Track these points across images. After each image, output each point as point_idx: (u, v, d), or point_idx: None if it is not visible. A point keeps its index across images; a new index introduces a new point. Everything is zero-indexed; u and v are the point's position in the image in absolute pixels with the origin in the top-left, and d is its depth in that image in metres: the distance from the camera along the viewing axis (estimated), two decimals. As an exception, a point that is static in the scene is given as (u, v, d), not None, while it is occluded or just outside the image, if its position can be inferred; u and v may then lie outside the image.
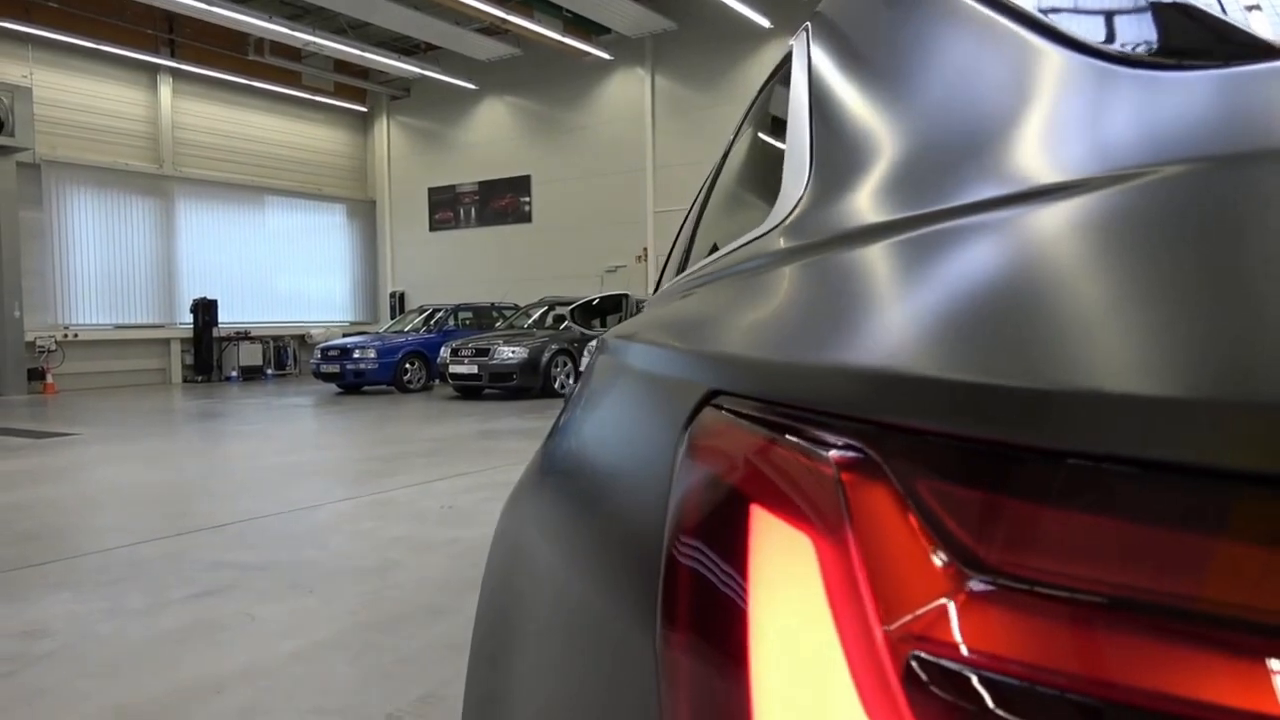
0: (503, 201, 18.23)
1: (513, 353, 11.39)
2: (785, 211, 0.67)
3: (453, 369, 11.77)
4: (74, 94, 15.31)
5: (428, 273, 19.23)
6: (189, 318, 16.40)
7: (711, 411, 0.42)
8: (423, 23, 15.14)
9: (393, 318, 17.16)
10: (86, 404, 12.24)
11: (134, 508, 5.21)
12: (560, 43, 15.15)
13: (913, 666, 0.26)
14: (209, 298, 16.47)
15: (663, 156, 16.11)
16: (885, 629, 0.27)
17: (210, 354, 16.40)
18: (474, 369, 11.54)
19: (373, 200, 20.22)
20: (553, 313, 13.29)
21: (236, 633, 3.00)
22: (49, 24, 14.37)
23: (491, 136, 18.36)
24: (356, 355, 12.76)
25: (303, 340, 18.12)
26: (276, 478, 6.07)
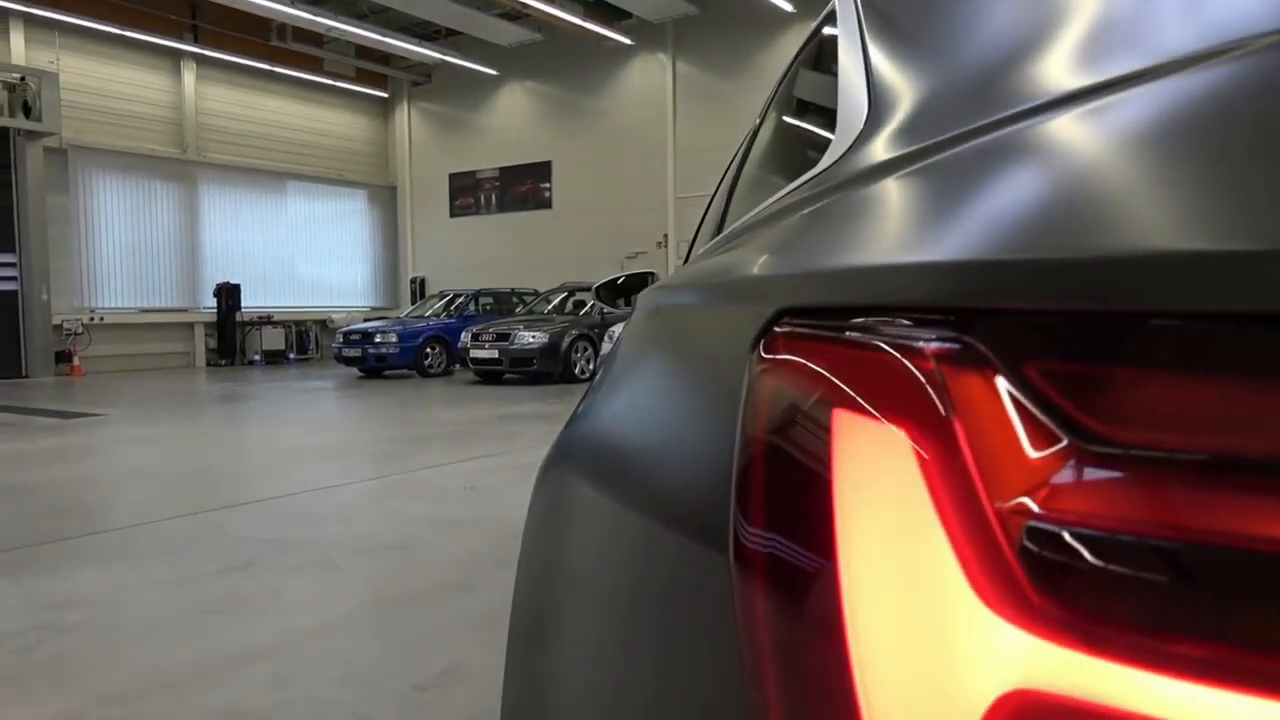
0: (523, 187, 18.24)
1: (533, 338, 11.41)
2: (844, 146, 0.67)
3: (473, 353, 11.81)
4: (99, 79, 15.44)
5: (448, 258, 19.28)
6: (212, 302, 16.54)
7: (782, 329, 0.42)
8: (444, 7, 15.13)
9: (413, 303, 17.23)
10: (112, 386, 12.38)
11: (160, 485, 5.27)
12: (581, 27, 15.10)
13: (1029, 540, 0.27)
14: (232, 282, 16.60)
15: (684, 142, 16.04)
16: (998, 506, 0.28)
17: (233, 338, 16.54)
18: (494, 354, 11.57)
19: (394, 186, 20.29)
20: (573, 298, 13.30)
21: (263, 606, 3.03)
22: (75, 10, 14.48)
23: (512, 122, 18.34)
24: (378, 340, 12.83)
25: (324, 325, 18.24)
26: (300, 458, 6.12)
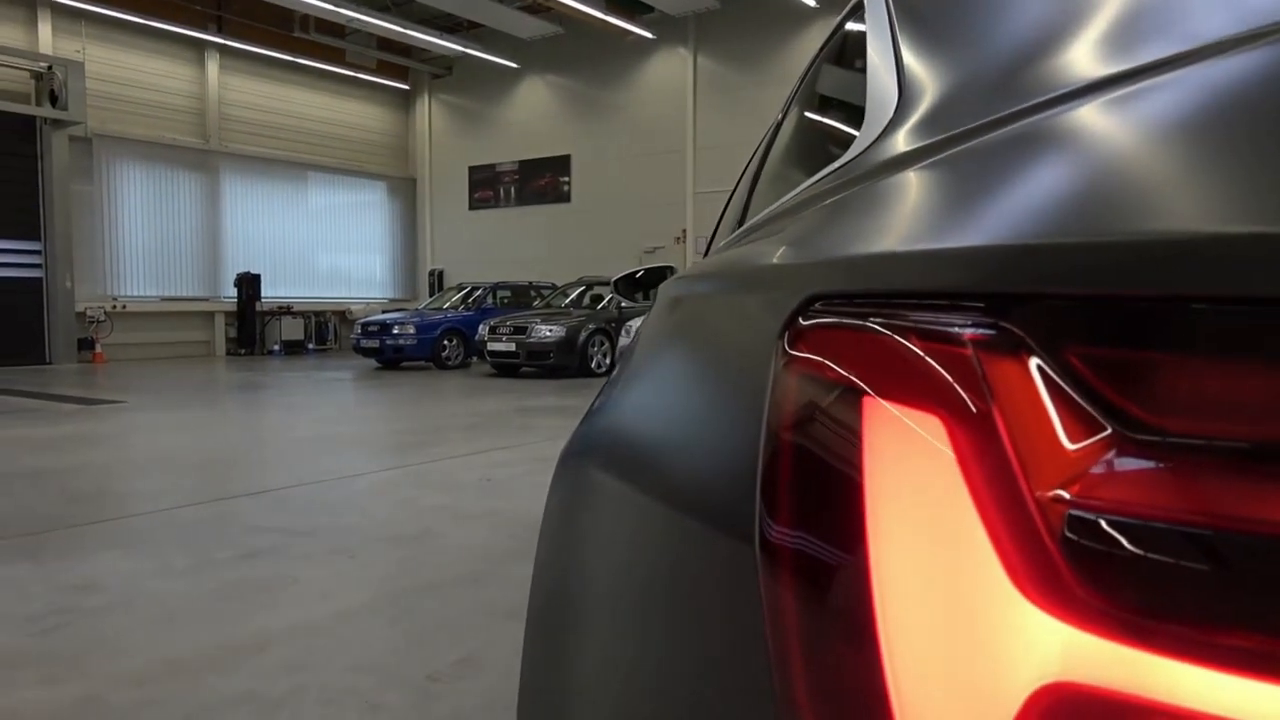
0: (542, 181, 18.25)
1: (550, 331, 11.43)
2: (873, 135, 0.66)
3: (491, 346, 11.84)
4: (124, 69, 15.56)
5: (466, 251, 19.33)
6: (233, 291, 16.66)
7: (811, 316, 0.41)
8: (465, 0, 15.15)
9: (431, 295, 17.29)
10: (133, 373, 12.51)
11: (179, 472, 5.31)
12: (603, 21, 15.07)
13: (1071, 530, 0.26)
14: (253, 272, 16.71)
15: (704, 137, 16.00)
16: (1038, 496, 0.27)
17: (253, 328, 16.66)
18: (511, 346, 11.60)
19: (413, 178, 20.35)
20: (590, 292, 13.31)
21: (279, 593, 3.05)
22: (101, 0, 14.60)
23: (532, 116, 18.35)
24: (396, 331, 12.88)
25: (343, 316, 18.35)
26: (317, 448, 6.16)
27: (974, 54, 0.60)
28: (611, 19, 15.09)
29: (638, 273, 3.09)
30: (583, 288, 13.52)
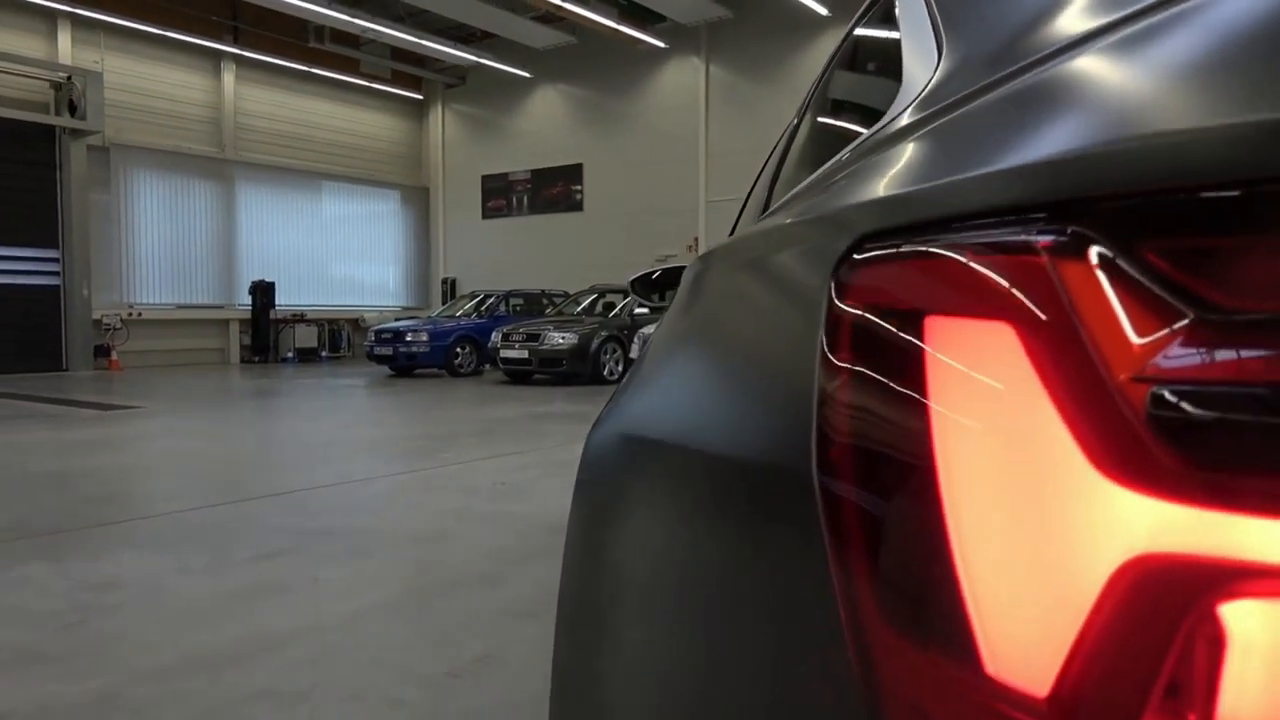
0: (555, 190, 18.31)
1: (563, 338, 11.45)
2: (914, 93, 0.66)
3: (503, 353, 11.86)
4: (142, 79, 15.72)
5: (479, 259, 19.40)
6: (248, 299, 16.76)
7: (863, 254, 0.42)
8: (479, 10, 15.25)
9: (444, 304, 17.34)
10: (149, 380, 12.59)
11: (196, 476, 5.34)
12: (615, 31, 15.13)
13: (1155, 406, 0.28)
14: (267, 280, 16.81)
15: (716, 146, 16.03)
16: (1120, 380, 0.29)
17: (267, 335, 16.74)
18: (524, 354, 11.62)
19: (427, 187, 20.45)
20: (603, 300, 13.33)
21: (298, 592, 3.06)
22: (120, 11, 14.77)
23: (545, 125, 18.43)
24: (409, 338, 12.93)
25: (356, 324, 18.42)
26: (332, 452, 6.18)
27: (1009, 7, 0.60)
28: (624, 28, 15.15)
29: (654, 273, 3.09)
30: (595, 295, 13.54)
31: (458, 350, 13.17)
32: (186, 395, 10.44)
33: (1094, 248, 0.30)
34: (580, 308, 13.36)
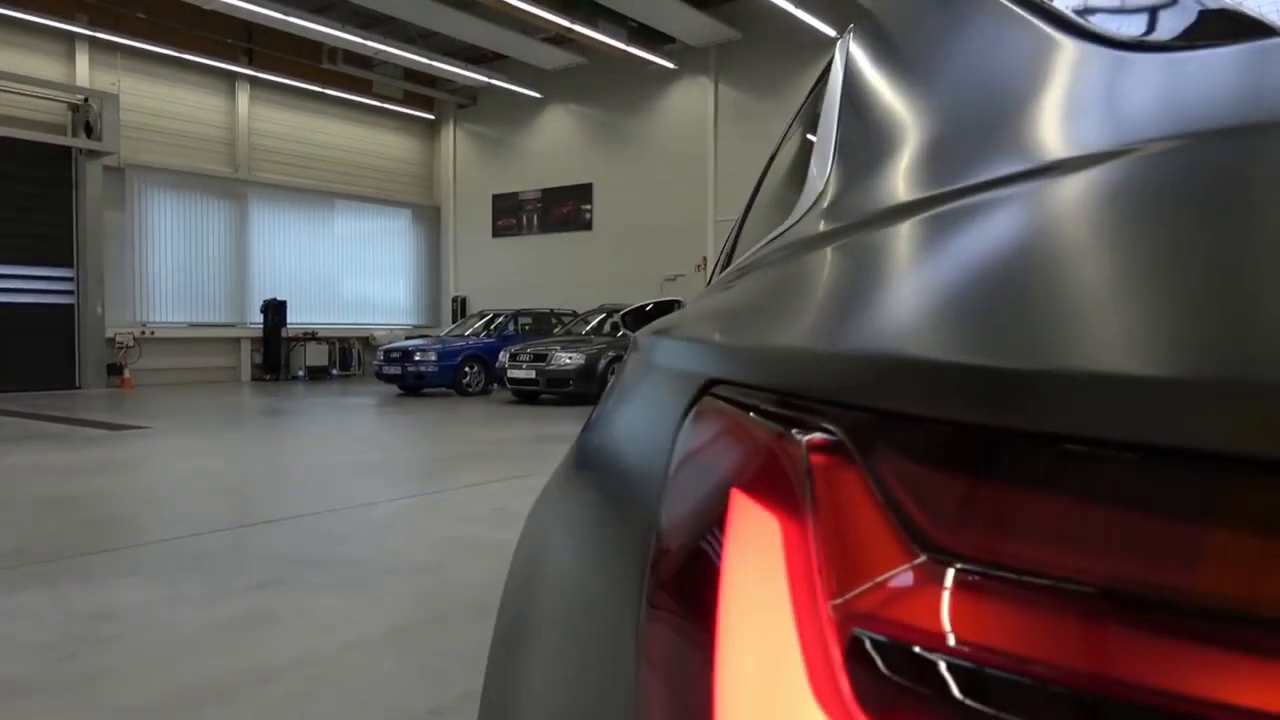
0: (564, 209, 18.40)
1: (570, 359, 11.47)
2: (808, 204, 0.67)
3: (511, 373, 11.90)
4: (157, 100, 15.93)
5: (489, 278, 19.48)
6: (259, 318, 16.88)
7: (709, 400, 0.43)
8: (490, 32, 15.39)
9: (454, 322, 17.42)
10: (160, 399, 12.68)
11: (199, 499, 5.37)
12: (625, 52, 15.24)
13: (855, 644, 0.26)
14: (279, 299, 16.94)
15: (725, 165, 16.08)
16: (832, 604, 0.27)
17: (279, 353, 16.85)
18: (531, 374, 11.65)
19: (438, 206, 20.59)
20: (610, 320, 13.36)
21: (290, 623, 3.06)
22: (136, 34, 14.98)
23: (555, 144, 18.54)
24: (418, 358, 12.98)
25: (367, 342, 18.51)
26: (336, 475, 6.20)
27: (907, 132, 0.61)
28: (633, 50, 15.26)
29: (646, 306, 3.11)
30: (602, 315, 13.57)
31: (466, 370, 13.21)
32: (196, 414, 10.51)
33: (844, 454, 0.29)
34: (588, 327, 13.39)
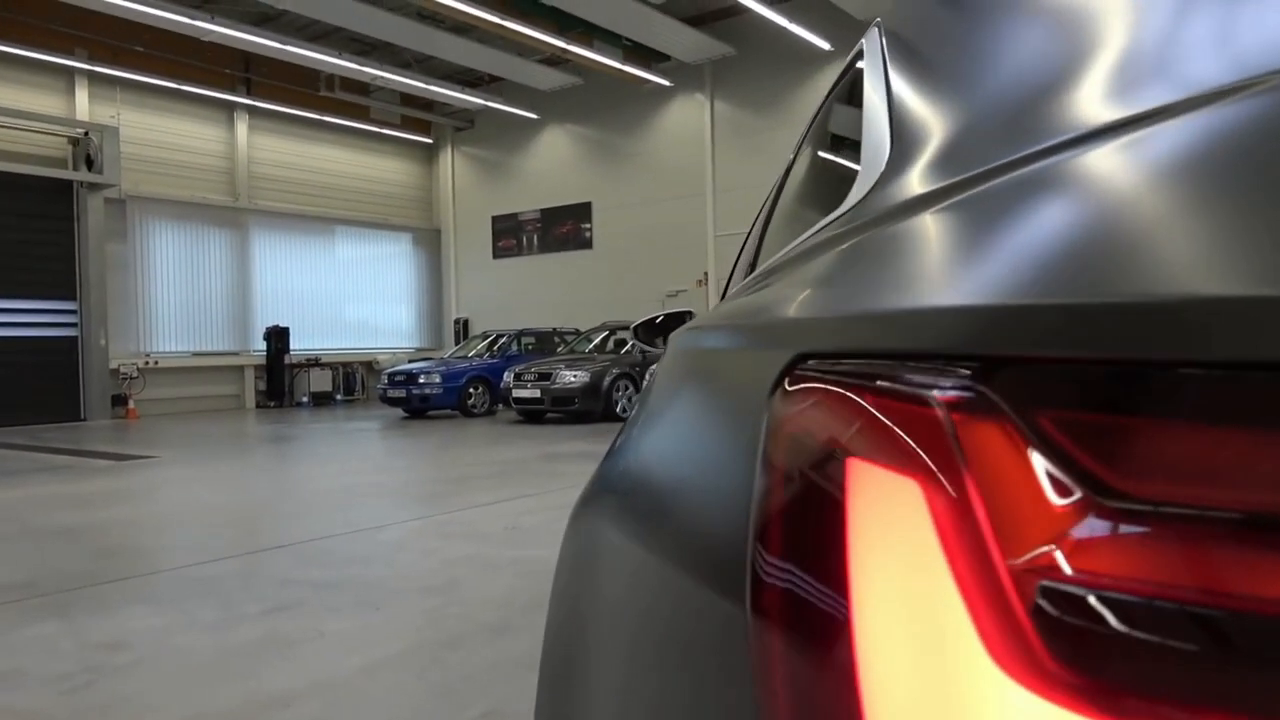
0: (564, 228, 18.45)
1: (574, 377, 11.46)
2: (865, 189, 0.66)
3: (515, 393, 11.88)
4: (157, 132, 16.02)
5: (491, 299, 19.51)
6: (262, 345, 16.90)
7: (799, 375, 0.41)
8: (486, 55, 15.49)
9: (457, 344, 17.43)
10: (165, 428, 12.67)
11: (208, 527, 5.35)
12: (620, 71, 15.33)
13: (1042, 599, 0.26)
14: (281, 325, 16.96)
15: (723, 181, 16.13)
16: (1011, 563, 0.27)
17: (282, 380, 16.85)
18: (536, 393, 11.64)
19: (438, 229, 20.66)
20: (614, 337, 13.36)
21: (305, 647, 3.04)
22: (135, 67, 15.09)
23: (553, 164, 18.62)
24: (422, 380, 12.97)
25: (370, 366, 18.53)
26: (345, 499, 6.18)
27: (965, 102, 0.60)
28: (629, 68, 15.35)
29: (657, 318, 3.10)
30: (606, 333, 13.57)
31: (470, 391, 13.19)
32: (202, 443, 10.50)
33: (996, 411, 0.28)
34: (592, 345, 13.39)
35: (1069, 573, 0.26)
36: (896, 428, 0.32)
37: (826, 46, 14.32)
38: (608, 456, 0.92)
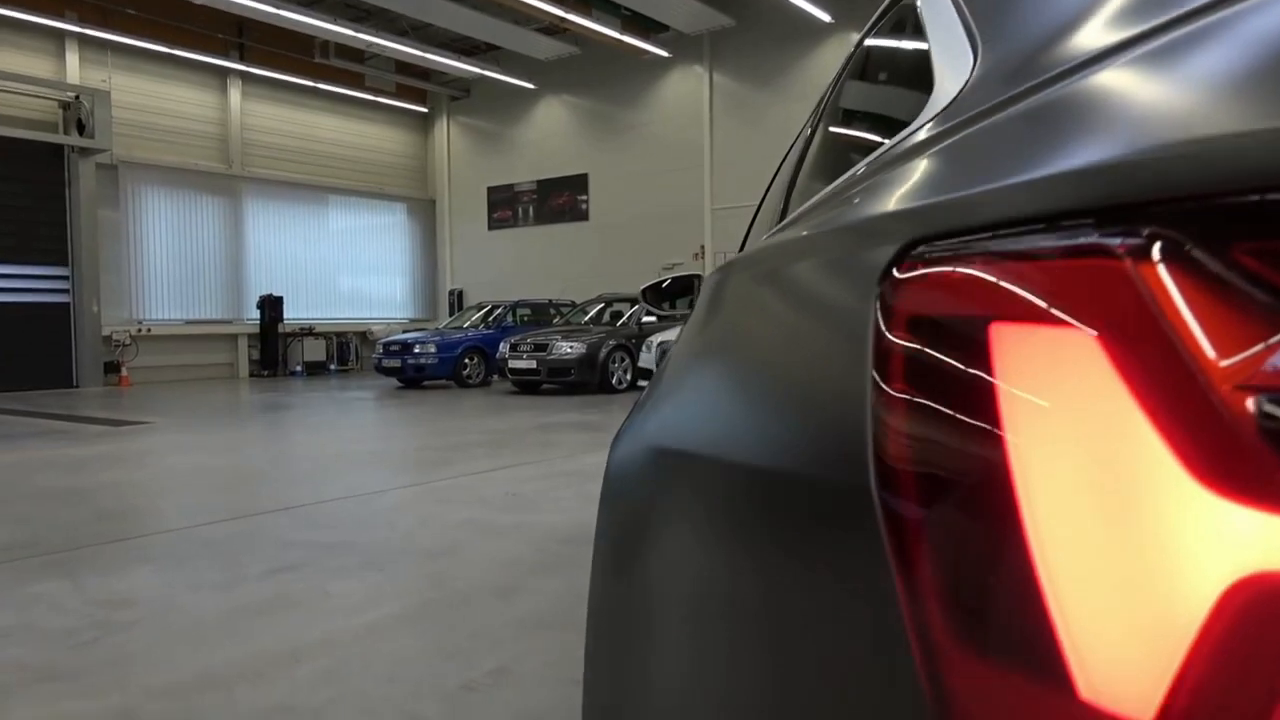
0: (560, 200, 18.35)
1: (571, 348, 11.45)
2: (947, 98, 0.65)
3: (511, 364, 11.88)
4: (149, 97, 15.82)
5: (486, 270, 19.44)
6: (256, 314, 16.82)
7: (915, 260, 0.42)
8: (483, 23, 15.31)
9: (451, 315, 17.38)
10: (159, 396, 12.63)
11: (207, 490, 5.35)
12: (618, 41, 15.18)
13: (1264, 415, 0.27)
14: (275, 294, 16.87)
15: (721, 154, 16.05)
16: (1221, 390, 0.28)
17: (276, 349, 16.80)
18: (532, 364, 11.63)
19: (433, 199, 20.53)
20: (610, 309, 13.34)
21: (311, 606, 3.05)
22: (127, 30, 14.87)
23: (550, 135, 18.48)
24: (417, 350, 12.95)
25: (364, 336, 18.48)
26: (342, 465, 6.19)
27: (1044, 11, 0.60)
28: (627, 38, 15.20)
29: (664, 282, 3.10)
30: (602, 305, 13.55)
31: (465, 361, 13.19)
32: (196, 410, 10.48)
33: (1180, 250, 0.29)
34: (587, 317, 13.37)
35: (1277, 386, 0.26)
36: (1071, 283, 0.32)
37: (827, 18, 14.20)
38: (656, 392, 0.91)
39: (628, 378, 11.72)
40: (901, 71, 0.99)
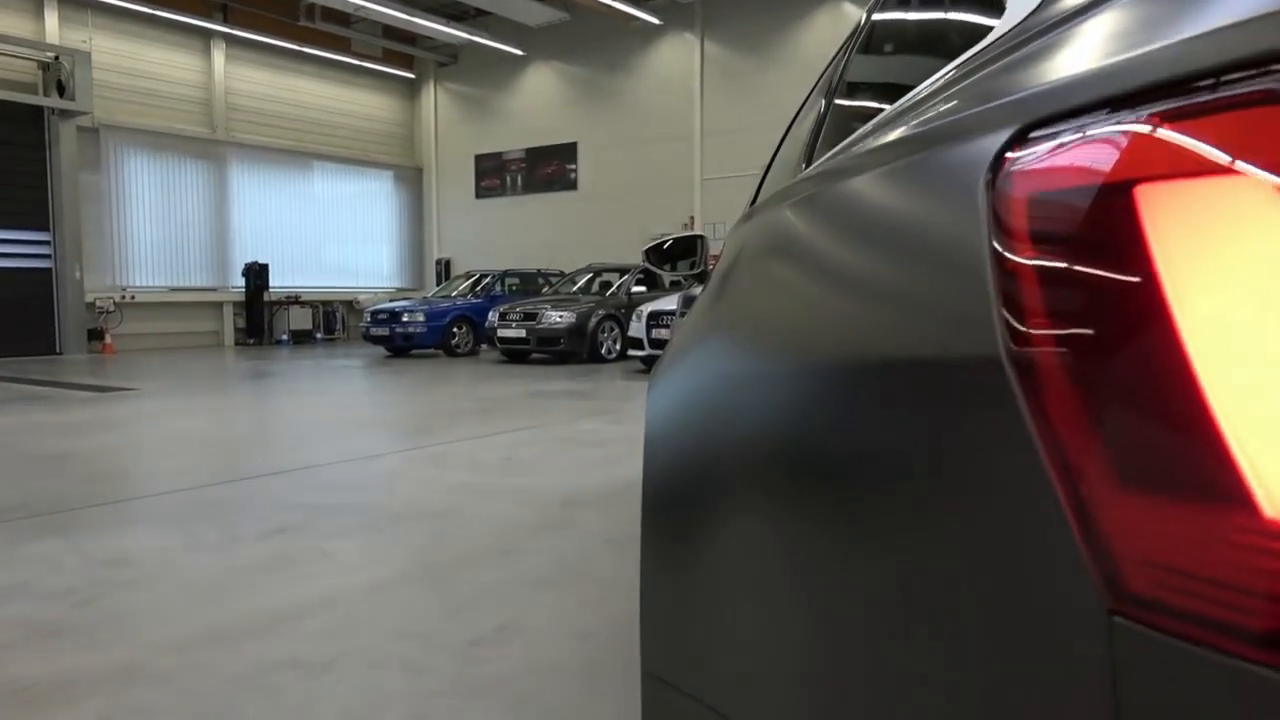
0: (549, 169, 18.21)
1: (560, 317, 11.43)
2: (1028, 8, 0.64)
3: (500, 332, 11.84)
4: (131, 59, 15.54)
5: (474, 239, 19.31)
6: (241, 282, 16.67)
7: (1034, 142, 0.42)
8: (472, -13, 15.10)
9: (438, 284, 17.28)
10: (143, 363, 12.53)
11: (199, 454, 5.32)
12: (609, 7, 15.01)
13: None
14: (260, 262, 16.71)
15: (711, 123, 15.94)
16: None
17: (261, 317, 16.67)
18: (522, 333, 11.61)
19: (420, 167, 20.33)
20: (599, 279, 13.30)
21: (311, 566, 3.05)
22: (107, -11, 14.58)
23: (538, 103, 18.30)
24: (406, 319, 12.89)
25: (350, 305, 18.36)
26: (334, 430, 6.17)
27: None
28: (618, 4, 15.03)
29: (665, 242, 3.08)
30: (591, 274, 13.51)
31: (454, 330, 13.14)
32: (183, 377, 10.40)
33: None
34: (577, 286, 13.33)
35: None
36: (1234, 135, 0.32)
37: (820, -13, 14.08)
38: (714, 310, 0.91)
39: (617, 347, 11.71)
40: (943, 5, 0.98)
